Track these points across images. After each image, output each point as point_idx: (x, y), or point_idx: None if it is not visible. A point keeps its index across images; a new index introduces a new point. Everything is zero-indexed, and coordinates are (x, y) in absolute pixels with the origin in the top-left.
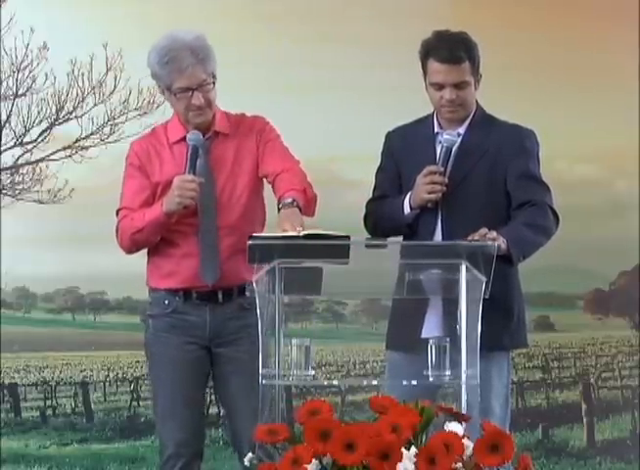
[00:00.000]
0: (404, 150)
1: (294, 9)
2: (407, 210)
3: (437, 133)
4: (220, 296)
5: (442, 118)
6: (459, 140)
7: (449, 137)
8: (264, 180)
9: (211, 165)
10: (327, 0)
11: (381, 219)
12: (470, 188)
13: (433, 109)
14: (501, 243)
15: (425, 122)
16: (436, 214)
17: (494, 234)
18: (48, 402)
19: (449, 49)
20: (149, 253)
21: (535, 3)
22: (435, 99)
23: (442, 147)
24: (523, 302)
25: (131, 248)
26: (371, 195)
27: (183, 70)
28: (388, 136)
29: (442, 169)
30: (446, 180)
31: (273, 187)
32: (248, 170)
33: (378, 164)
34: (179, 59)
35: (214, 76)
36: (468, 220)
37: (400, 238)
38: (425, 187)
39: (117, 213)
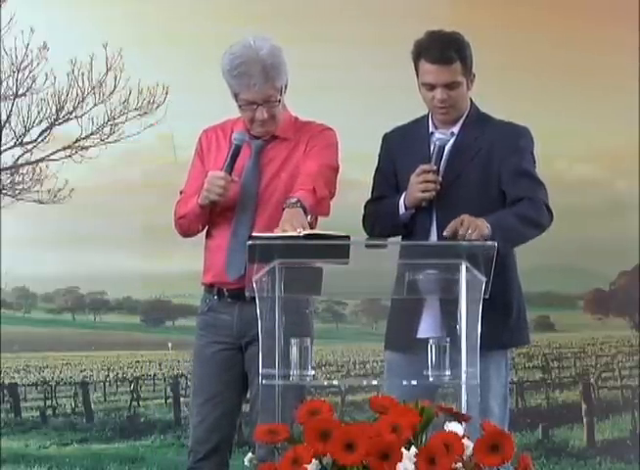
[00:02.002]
0: (400, 150)
1: (290, 9)
2: (402, 209)
3: (432, 133)
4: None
5: (435, 119)
6: (453, 139)
7: (441, 136)
8: None
9: (262, 166)
10: (321, 0)
11: (378, 220)
12: (464, 187)
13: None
14: (485, 229)
15: (420, 123)
16: (431, 214)
17: (476, 224)
18: (48, 402)
19: (440, 49)
20: None
21: (534, 3)
22: (428, 99)
23: (435, 146)
24: (523, 299)
25: (180, 231)
26: (369, 196)
27: (251, 86)
28: (385, 137)
29: (435, 168)
30: (440, 179)
31: None
32: (291, 175)
33: (375, 164)
34: (249, 75)
35: (285, 87)
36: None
37: (399, 238)
38: (418, 186)
39: (180, 195)
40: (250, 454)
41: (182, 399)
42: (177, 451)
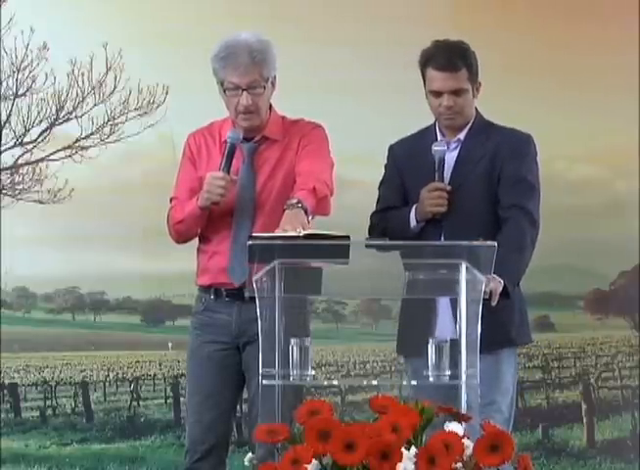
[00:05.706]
0: (408, 162)
1: (291, 10)
2: (413, 223)
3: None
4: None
5: (442, 126)
6: (459, 147)
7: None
8: None
9: (256, 168)
10: (325, 3)
11: (388, 232)
12: (469, 193)
13: (430, 112)
14: (498, 286)
15: (426, 133)
16: (438, 222)
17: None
18: (48, 402)
19: (446, 57)
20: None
21: (534, 4)
22: (434, 106)
23: (435, 159)
24: (523, 297)
25: (176, 238)
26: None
27: (237, 67)
28: (392, 148)
29: (449, 188)
30: (449, 187)
31: None
32: (286, 175)
33: (380, 169)
34: (235, 56)
35: (272, 84)
36: (468, 225)
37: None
38: (430, 201)
39: (171, 202)
40: (250, 454)
41: (182, 399)
42: (177, 451)
